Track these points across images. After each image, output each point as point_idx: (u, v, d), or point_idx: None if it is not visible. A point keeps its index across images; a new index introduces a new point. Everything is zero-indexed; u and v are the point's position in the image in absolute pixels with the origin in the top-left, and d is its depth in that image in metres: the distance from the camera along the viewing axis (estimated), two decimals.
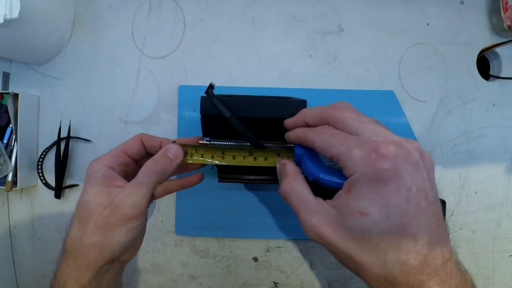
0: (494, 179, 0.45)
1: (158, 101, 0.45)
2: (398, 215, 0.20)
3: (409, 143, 0.21)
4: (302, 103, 0.33)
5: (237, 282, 0.45)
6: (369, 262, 0.20)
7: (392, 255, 0.20)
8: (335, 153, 0.22)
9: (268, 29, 0.46)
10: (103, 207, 0.25)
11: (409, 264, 0.19)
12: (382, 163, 0.20)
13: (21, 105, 0.42)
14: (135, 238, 0.27)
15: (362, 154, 0.21)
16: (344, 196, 0.22)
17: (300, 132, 0.27)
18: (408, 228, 0.20)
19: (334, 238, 0.22)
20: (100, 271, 0.26)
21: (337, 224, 0.22)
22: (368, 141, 0.21)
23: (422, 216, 0.20)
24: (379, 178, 0.20)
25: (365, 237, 0.20)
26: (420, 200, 0.20)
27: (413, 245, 0.20)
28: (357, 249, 0.21)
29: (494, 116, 0.45)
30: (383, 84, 0.45)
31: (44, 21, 0.40)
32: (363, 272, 0.21)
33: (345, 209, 0.21)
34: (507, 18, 0.43)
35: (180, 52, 0.46)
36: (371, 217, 0.20)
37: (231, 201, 0.44)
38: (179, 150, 0.28)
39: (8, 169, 0.42)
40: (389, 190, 0.20)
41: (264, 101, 0.33)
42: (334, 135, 0.23)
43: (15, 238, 0.46)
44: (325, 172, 0.24)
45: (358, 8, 0.46)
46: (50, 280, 0.27)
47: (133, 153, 0.29)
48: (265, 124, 0.33)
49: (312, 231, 0.22)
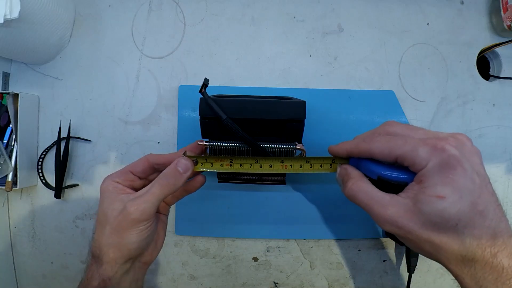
0: (494, 179, 0.45)
1: (158, 101, 0.45)
2: (468, 195, 0.22)
3: (461, 135, 0.25)
4: (300, 104, 0.33)
5: (237, 282, 0.45)
6: (448, 242, 0.23)
7: (468, 232, 0.22)
8: (399, 153, 0.25)
9: (268, 29, 0.46)
10: (118, 212, 0.28)
11: (483, 238, 0.22)
12: (449, 152, 0.23)
13: (21, 105, 0.42)
14: (147, 237, 0.30)
15: (428, 149, 0.23)
16: (417, 186, 0.24)
17: (349, 145, 0.29)
18: (478, 206, 0.22)
19: (413, 225, 0.23)
20: (120, 269, 0.29)
21: (414, 213, 0.23)
22: (427, 139, 0.24)
23: (485, 195, 0.23)
24: (448, 165, 0.23)
25: (444, 219, 0.22)
26: (481, 181, 0.23)
27: (483, 221, 0.22)
28: (436, 232, 0.23)
29: (494, 116, 0.45)
30: (383, 84, 0.45)
31: (44, 21, 0.40)
32: (443, 254, 0.23)
33: (422, 197, 0.23)
34: (507, 18, 0.43)
35: (180, 52, 0.46)
36: (448, 199, 0.22)
37: (231, 201, 0.44)
38: (189, 163, 0.30)
39: (8, 169, 0.42)
40: (457, 173, 0.22)
41: (262, 102, 0.33)
42: (392, 139, 0.25)
43: (15, 238, 0.46)
44: (388, 169, 0.26)
45: (358, 8, 0.46)
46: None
47: (137, 172, 0.32)
48: (263, 126, 0.33)
49: (390, 222, 0.24)
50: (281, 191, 0.44)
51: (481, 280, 0.22)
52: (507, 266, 0.22)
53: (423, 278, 0.45)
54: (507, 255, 0.22)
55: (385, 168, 0.26)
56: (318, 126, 0.43)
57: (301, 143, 0.34)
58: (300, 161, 0.31)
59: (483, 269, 0.22)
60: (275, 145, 0.33)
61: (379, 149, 0.26)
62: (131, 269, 0.31)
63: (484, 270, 0.22)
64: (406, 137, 0.25)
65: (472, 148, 0.24)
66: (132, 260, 0.30)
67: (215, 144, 0.33)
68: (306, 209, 0.44)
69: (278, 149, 0.33)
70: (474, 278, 0.22)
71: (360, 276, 0.45)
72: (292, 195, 0.44)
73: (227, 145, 0.33)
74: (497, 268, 0.22)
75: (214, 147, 0.33)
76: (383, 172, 0.26)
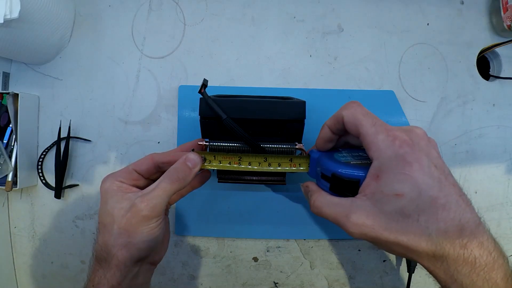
0: (494, 179, 0.45)
1: (158, 101, 0.45)
2: (428, 190, 0.22)
3: (417, 129, 0.25)
4: (300, 104, 0.33)
5: (237, 282, 0.45)
6: (415, 241, 0.22)
7: (433, 226, 0.22)
8: (363, 132, 0.25)
9: (268, 29, 0.46)
10: (126, 210, 0.27)
11: (449, 230, 0.22)
12: (405, 147, 0.23)
13: (21, 105, 0.42)
14: (157, 236, 0.29)
15: (387, 140, 0.23)
16: (374, 184, 0.24)
17: (328, 121, 0.29)
18: (438, 200, 0.22)
19: (378, 230, 0.23)
20: (130, 273, 0.28)
21: (376, 215, 0.23)
22: (391, 129, 0.24)
23: (445, 188, 0.22)
24: (404, 161, 0.22)
25: (405, 217, 0.22)
26: (440, 174, 0.23)
27: (447, 214, 0.22)
28: (401, 232, 0.22)
29: (494, 116, 0.45)
30: (383, 84, 0.45)
31: (44, 21, 0.40)
32: (414, 253, 0.23)
33: (380, 196, 0.23)
34: (507, 18, 0.43)
35: (180, 52, 0.46)
36: (405, 196, 0.22)
37: (231, 201, 0.44)
38: (198, 158, 0.30)
39: (8, 169, 0.42)
40: (415, 170, 0.22)
41: (262, 102, 0.33)
42: (366, 114, 0.26)
43: (15, 238, 0.46)
44: (342, 166, 0.26)
45: (358, 8, 0.46)
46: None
47: (141, 171, 0.31)
48: (263, 126, 0.33)
49: (355, 233, 0.24)
50: (281, 191, 0.44)
51: (455, 274, 0.22)
52: (479, 256, 0.21)
53: (423, 278, 0.45)
54: (477, 245, 0.21)
55: (339, 165, 0.27)
56: (318, 126, 0.43)
57: (301, 143, 0.34)
58: (309, 160, 0.31)
59: (455, 262, 0.22)
60: (275, 145, 0.33)
61: (351, 118, 0.26)
62: (140, 272, 0.30)
63: (456, 263, 0.22)
64: (377, 119, 0.25)
65: (428, 141, 0.24)
66: (141, 263, 0.29)
67: (215, 144, 0.33)
68: (306, 209, 0.44)
69: (278, 149, 0.33)
70: (448, 273, 0.22)
71: (360, 276, 0.45)
72: (292, 195, 0.44)
73: (227, 145, 0.33)
74: (469, 260, 0.21)
75: (214, 147, 0.33)
76: (339, 170, 0.26)
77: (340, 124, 0.28)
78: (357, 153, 0.29)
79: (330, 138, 0.30)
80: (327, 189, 0.28)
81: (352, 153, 0.29)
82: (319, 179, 0.29)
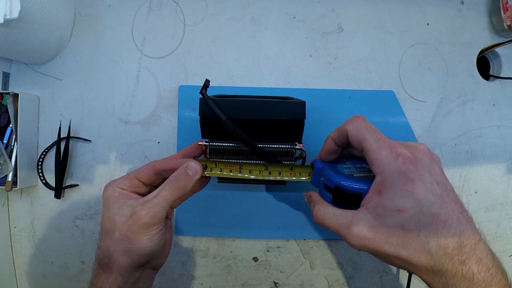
0: (494, 179, 0.45)
1: (158, 101, 0.45)
2: (429, 206, 0.22)
3: (421, 145, 0.25)
4: (300, 104, 0.33)
5: (237, 282, 0.45)
6: (415, 255, 0.22)
7: (433, 242, 0.22)
8: (367, 147, 0.25)
9: (268, 29, 0.46)
10: (127, 217, 0.28)
11: (449, 247, 0.22)
12: (408, 164, 0.23)
13: (21, 105, 0.42)
14: (158, 242, 0.29)
15: (390, 157, 0.24)
16: (376, 198, 0.24)
17: (332, 133, 0.29)
18: (440, 216, 0.22)
19: (378, 243, 0.23)
20: (131, 278, 0.28)
21: (377, 229, 0.24)
22: (395, 145, 0.24)
23: (447, 204, 0.23)
24: (407, 177, 0.23)
25: (406, 231, 0.23)
26: (442, 191, 0.23)
27: (448, 230, 0.22)
28: (401, 246, 0.23)
29: (494, 116, 0.45)
30: (383, 84, 0.45)
31: (44, 21, 0.40)
32: (413, 267, 0.23)
33: (382, 211, 0.23)
34: (507, 18, 0.43)
35: (180, 52, 0.46)
36: (407, 212, 0.22)
37: (231, 201, 0.44)
38: (198, 167, 0.30)
39: (8, 169, 0.42)
40: (417, 186, 0.23)
41: (262, 102, 0.33)
42: (370, 130, 0.26)
43: (15, 238, 0.46)
44: (345, 179, 0.26)
45: (358, 8, 0.46)
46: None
47: (142, 178, 0.31)
48: (263, 126, 0.33)
49: (357, 243, 0.24)
50: (281, 191, 0.44)
51: None
52: (477, 272, 0.22)
53: None
54: (476, 261, 0.22)
55: (343, 177, 0.27)
56: (318, 126, 0.43)
57: (301, 143, 0.34)
58: (309, 169, 0.31)
59: (454, 278, 0.22)
60: (275, 145, 0.33)
61: (355, 133, 0.26)
62: (141, 277, 0.30)
63: (455, 279, 0.22)
64: (381, 134, 0.26)
65: (431, 157, 0.25)
66: (142, 268, 0.30)
67: (215, 144, 0.33)
68: (306, 209, 0.44)
69: (278, 149, 0.33)
70: (446, 287, 0.22)
71: (360, 276, 0.45)
72: (292, 195, 0.44)
73: (227, 145, 0.33)
74: (467, 276, 0.22)
75: (214, 147, 0.33)
76: (342, 182, 0.26)
77: (344, 138, 0.28)
78: (361, 165, 0.29)
79: (334, 150, 0.30)
80: (329, 200, 0.28)
81: (355, 164, 0.29)
82: (322, 189, 0.29)
